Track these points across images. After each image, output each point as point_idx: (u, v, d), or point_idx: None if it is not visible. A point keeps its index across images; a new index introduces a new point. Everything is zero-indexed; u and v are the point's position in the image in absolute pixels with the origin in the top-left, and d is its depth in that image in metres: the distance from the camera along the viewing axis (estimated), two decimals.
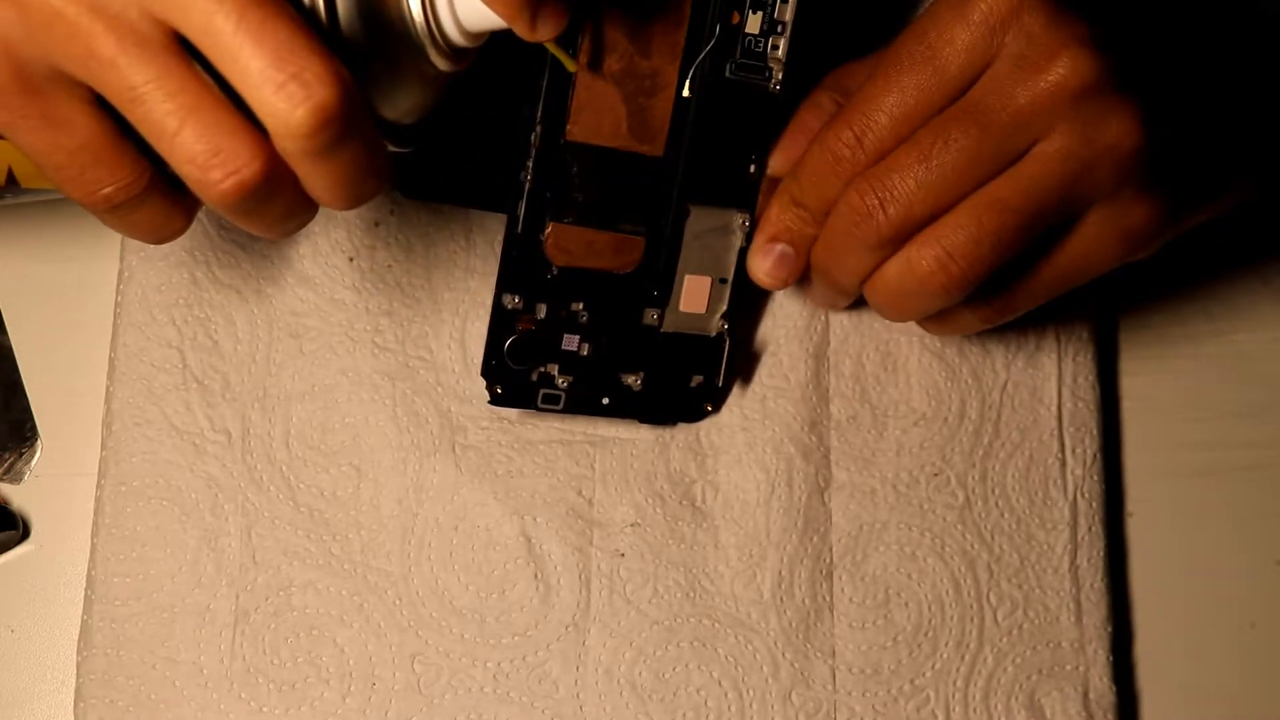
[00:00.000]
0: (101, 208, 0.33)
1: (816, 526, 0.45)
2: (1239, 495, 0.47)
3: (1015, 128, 0.37)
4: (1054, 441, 0.46)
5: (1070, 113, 0.36)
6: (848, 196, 0.38)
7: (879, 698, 0.44)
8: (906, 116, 0.38)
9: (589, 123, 0.40)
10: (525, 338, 0.42)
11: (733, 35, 0.40)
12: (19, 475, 0.46)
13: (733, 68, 0.41)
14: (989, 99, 0.37)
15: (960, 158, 0.37)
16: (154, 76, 0.30)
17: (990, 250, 0.37)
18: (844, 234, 0.39)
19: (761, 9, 0.40)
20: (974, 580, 0.45)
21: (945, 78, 0.37)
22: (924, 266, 0.38)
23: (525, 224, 0.41)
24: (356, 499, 0.44)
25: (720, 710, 0.43)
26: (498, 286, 0.42)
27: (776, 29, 0.40)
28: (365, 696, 0.43)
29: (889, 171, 0.38)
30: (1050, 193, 0.37)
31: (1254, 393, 0.48)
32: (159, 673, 0.43)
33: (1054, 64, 0.36)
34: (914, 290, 0.39)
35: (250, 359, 0.45)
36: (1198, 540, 0.47)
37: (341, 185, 0.32)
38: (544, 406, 0.44)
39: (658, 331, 0.43)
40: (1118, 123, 0.36)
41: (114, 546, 0.44)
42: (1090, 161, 0.37)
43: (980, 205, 0.37)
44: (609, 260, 0.42)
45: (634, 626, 0.44)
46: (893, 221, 0.38)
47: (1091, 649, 0.44)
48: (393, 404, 0.45)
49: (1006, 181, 0.37)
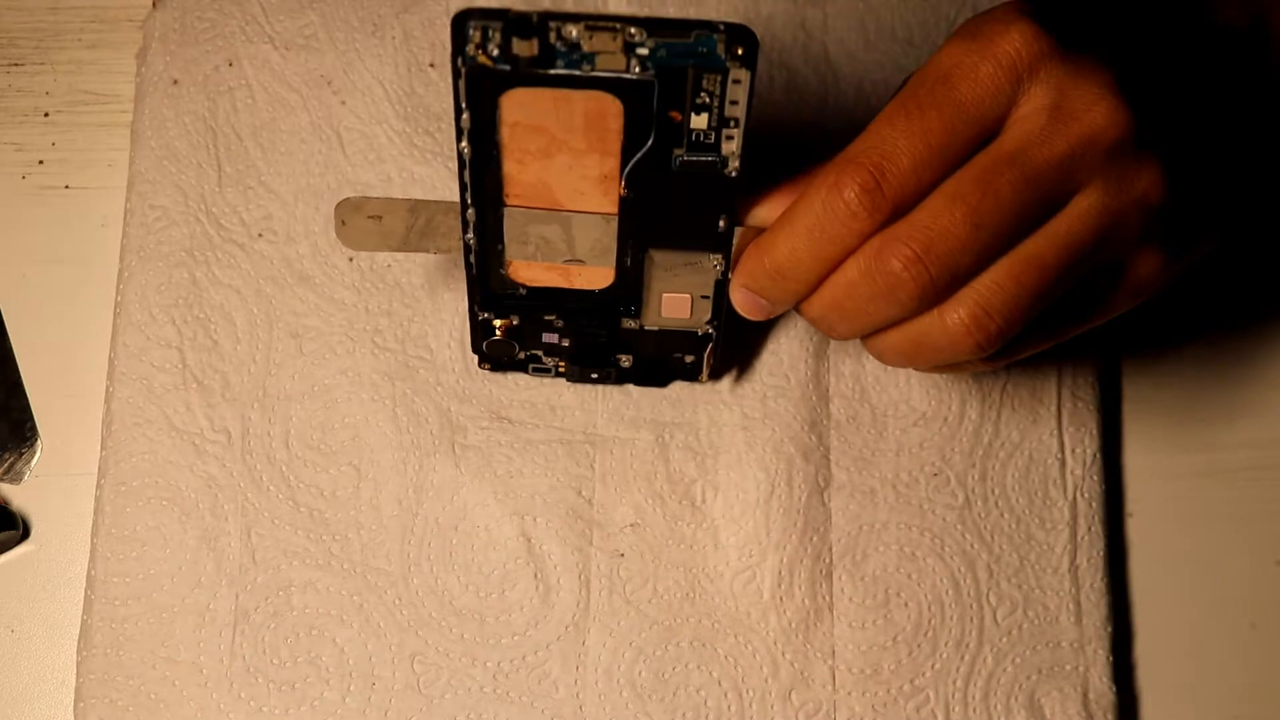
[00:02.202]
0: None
1: (816, 526, 0.45)
2: (1239, 495, 0.47)
3: (1059, 181, 0.35)
4: (1054, 441, 0.46)
5: (1105, 165, 0.35)
6: (880, 256, 0.35)
7: (878, 697, 0.44)
8: (930, 161, 0.35)
9: (526, 195, 0.37)
10: (505, 336, 0.43)
11: (676, 131, 0.35)
12: (19, 475, 0.46)
13: (679, 162, 0.36)
14: (1031, 151, 0.35)
15: (1009, 215, 0.35)
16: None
17: (1028, 309, 0.36)
18: (869, 295, 0.36)
19: (706, 110, 0.35)
20: (974, 580, 0.45)
21: (969, 121, 0.35)
22: (958, 325, 0.36)
23: (479, 269, 0.40)
24: (356, 499, 0.44)
25: (720, 710, 0.43)
26: (469, 299, 0.41)
27: (728, 123, 0.35)
28: (365, 696, 0.43)
29: (929, 228, 0.35)
30: (1087, 248, 0.36)
31: (1254, 393, 0.48)
32: (159, 672, 0.43)
33: (1091, 115, 0.35)
34: (941, 346, 0.37)
35: (250, 359, 0.45)
36: (1198, 540, 0.47)
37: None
38: (536, 371, 0.45)
39: (640, 330, 0.43)
40: (1147, 175, 0.36)
41: (114, 546, 0.44)
42: (1121, 215, 0.36)
43: (1019, 264, 0.36)
44: (578, 284, 0.41)
45: (634, 626, 0.44)
46: (937, 284, 0.35)
47: (1091, 649, 0.44)
48: (393, 404, 0.45)
49: (1045, 238, 0.36)
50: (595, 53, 0.33)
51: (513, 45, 0.33)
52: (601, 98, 0.34)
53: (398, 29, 0.49)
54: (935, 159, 0.35)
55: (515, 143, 0.36)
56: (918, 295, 0.35)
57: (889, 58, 0.49)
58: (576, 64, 0.33)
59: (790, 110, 0.48)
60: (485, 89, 0.34)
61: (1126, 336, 0.48)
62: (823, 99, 0.49)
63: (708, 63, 0.33)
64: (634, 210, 0.38)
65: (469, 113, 0.35)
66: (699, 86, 0.34)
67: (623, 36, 0.33)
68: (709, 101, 0.34)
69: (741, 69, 0.34)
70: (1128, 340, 0.48)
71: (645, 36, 0.33)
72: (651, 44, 0.33)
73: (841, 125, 0.48)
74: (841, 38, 0.49)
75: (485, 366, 0.45)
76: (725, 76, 0.34)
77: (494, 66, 0.33)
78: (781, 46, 0.49)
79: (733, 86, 0.34)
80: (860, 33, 0.49)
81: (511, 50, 0.33)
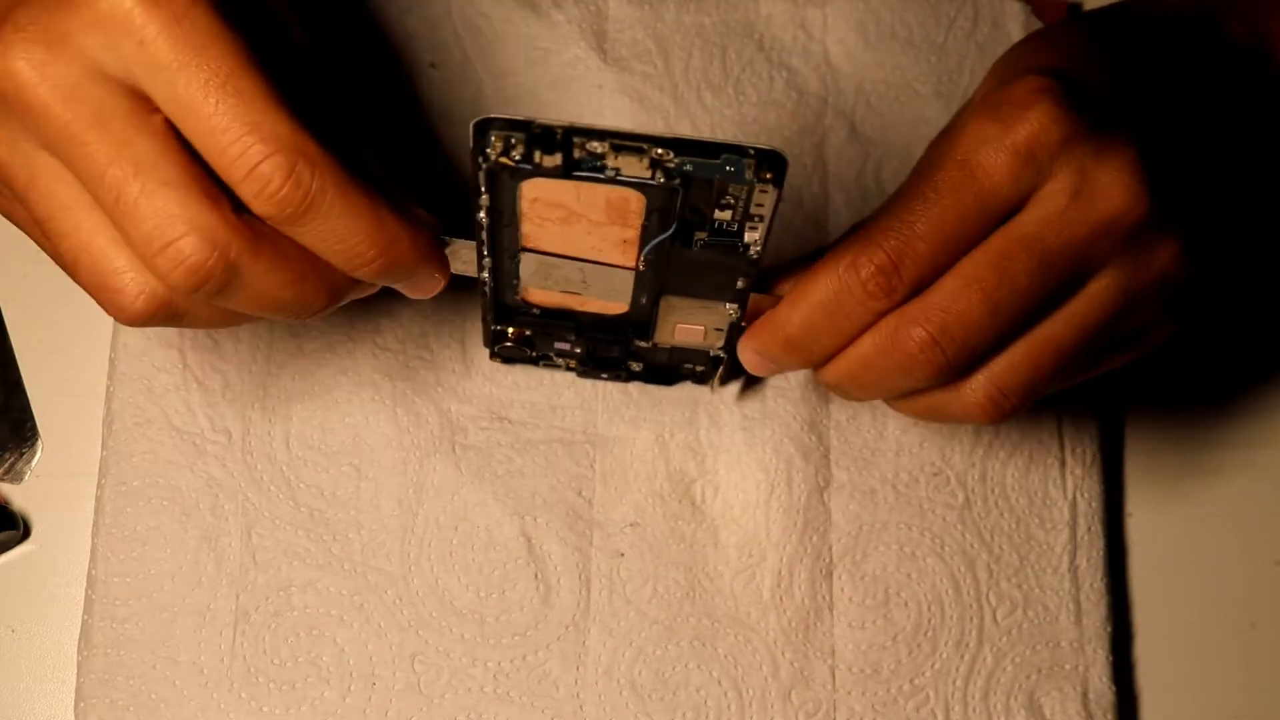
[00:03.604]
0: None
1: (816, 526, 0.45)
2: (1239, 495, 0.47)
3: (1076, 264, 0.35)
4: (1054, 441, 0.46)
5: (1124, 247, 0.35)
6: (896, 335, 0.36)
7: (878, 697, 0.44)
8: (946, 245, 0.35)
9: (544, 239, 0.37)
10: (516, 343, 0.43)
11: (700, 216, 0.35)
12: (19, 475, 0.46)
13: (699, 245, 0.35)
14: (1050, 235, 0.35)
15: (1024, 299, 0.35)
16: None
17: (1043, 387, 0.37)
18: (885, 370, 0.36)
19: (731, 209, 0.34)
20: (973, 580, 0.45)
21: (988, 205, 0.35)
22: (974, 404, 0.37)
23: (493, 296, 0.40)
24: (356, 499, 0.44)
25: (720, 710, 0.43)
26: (483, 311, 0.41)
27: (752, 219, 0.34)
28: (365, 696, 0.43)
29: (946, 310, 0.35)
30: (1104, 329, 0.36)
31: (1254, 393, 0.48)
32: (159, 672, 0.43)
33: (1111, 199, 0.35)
34: (955, 415, 0.37)
35: (250, 359, 0.45)
36: (1198, 540, 0.47)
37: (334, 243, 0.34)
38: (547, 366, 0.45)
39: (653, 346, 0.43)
40: (1165, 253, 0.36)
41: (114, 546, 0.44)
42: (1139, 295, 0.36)
43: (1036, 347, 0.36)
44: (591, 309, 0.40)
45: (634, 626, 0.44)
46: (953, 366, 0.35)
47: (1091, 649, 0.44)
48: (393, 404, 0.45)
49: (1063, 320, 0.36)
50: (619, 167, 0.32)
51: (535, 156, 0.32)
52: (624, 190, 0.33)
53: (398, 30, 0.49)
54: (952, 244, 0.35)
55: (535, 213, 0.35)
56: (934, 375, 0.36)
57: (889, 58, 0.49)
58: (600, 170, 0.32)
59: (790, 110, 0.48)
60: (505, 181, 0.34)
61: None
62: (823, 99, 0.49)
63: (735, 179, 0.33)
64: (651, 271, 0.37)
65: (487, 195, 0.34)
66: (725, 191, 0.33)
67: (649, 157, 0.32)
68: (734, 204, 0.34)
69: (769, 187, 0.33)
70: None
71: (673, 157, 0.32)
72: (678, 161, 0.32)
73: (842, 125, 0.48)
74: (841, 38, 0.49)
75: (497, 360, 0.45)
76: (751, 189, 0.33)
77: (516, 166, 0.32)
78: (781, 46, 0.49)
79: (759, 195, 0.33)
80: (860, 33, 0.49)
81: (534, 159, 0.32)
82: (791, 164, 0.48)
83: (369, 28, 0.49)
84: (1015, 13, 0.49)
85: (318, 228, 0.33)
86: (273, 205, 0.32)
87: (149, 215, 0.32)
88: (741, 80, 0.48)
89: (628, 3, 0.49)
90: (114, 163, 0.32)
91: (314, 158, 0.32)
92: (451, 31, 0.49)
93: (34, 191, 0.34)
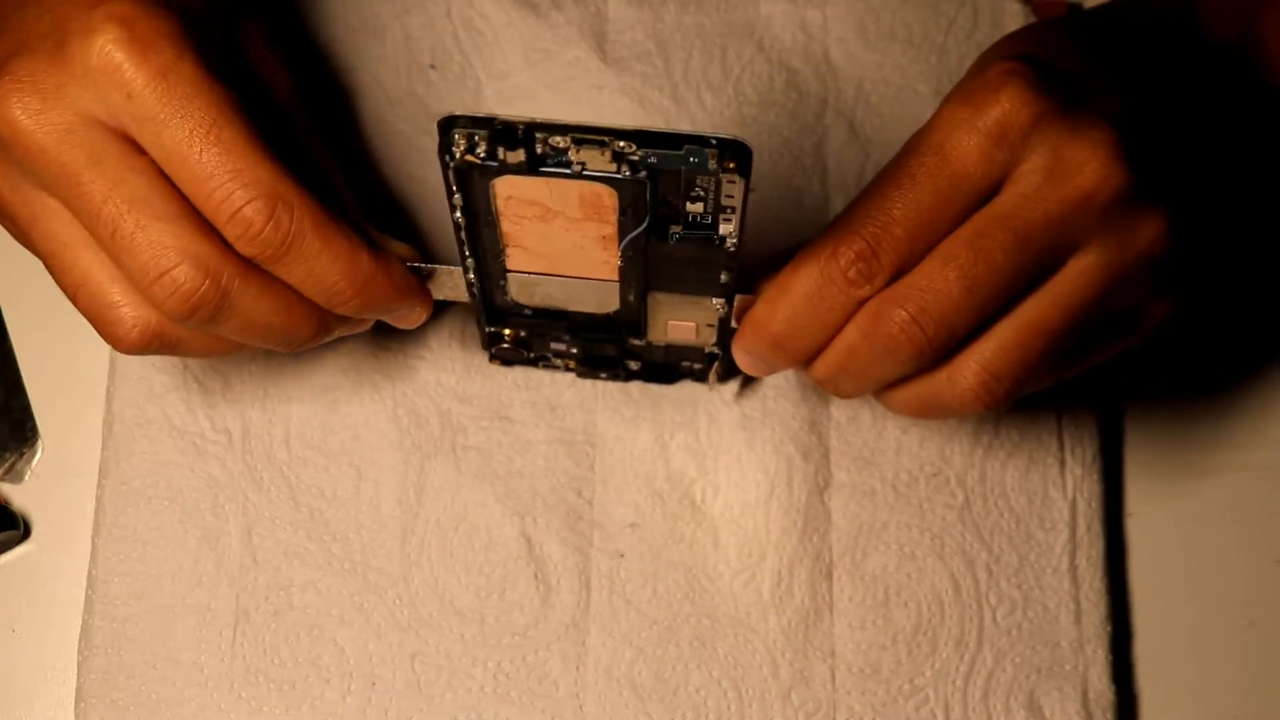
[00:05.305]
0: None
1: (816, 526, 0.45)
2: (1239, 495, 0.47)
3: (1054, 240, 0.35)
4: (1053, 441, 0.46)
5: (1103, 223, 0.35)
6: (877, 318, 0.36)
7: (878, 697, 0.44)
8: (923, 229, 0.35)
9: (526, 258, 0.37)
10: (513, 345, 0.43)
11: (673, 211, 0.35)
12: (19, 475, 0.46)
13: (675, 239, 0.36)
14: (1025, 213, 0.35)
15: (1002, 276, 0.35)
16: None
17: (1034, 371, 0.36)
18: (870, 357, 0.37)
19: (702, 201, 0.34)
20: (973, 580, 0.45)
21: (962, 187, 0.35)
22: (967, 390, 0.37)
23: (483, 299, 0.40)
24: (356, 499, 0.44)
25: (720, 710, 0.43)
26: (476, 315, 0.41)
27: (725, 210, 0.34)
28: (365, 696, 0.43)
29: (924, 290, 0.35)
30: (1091, 306, 0.36)
31: (1254, 392, 0.48)
32: (159, 672, 0.43)
33: (1085, 174, 0.35)
34: (952, 407, 0.37)
35: (250, 359, 0.45)
36: (1198, 540, 0.47)
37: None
38: (546, 367, 0.45)
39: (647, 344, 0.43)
40: (1150, 229, 0.36)
41: (114, 546, 0.44)
42: (1125, 271, 0.36)
43: (1024, 329, 0.36)
44: (583, 306, 0.40)
45: (634, 626, 0.44)
46: (934, 345, 0.36)
47: (1090, 649, 0.44)
48: (393, 404, 0.45)
49: (1048, 300, 0.36)
50: (584, 161, 0.33)
51: (499, 152, 0.32)
52: (595, 185, 0.34)
53: (398, 30, 0.49)
54: (929, 228, 0.35)
55: (511, 210, 0.35)
56: (916, 355, 0.36)
57: (889, 58, 0.49)
58: (566, 165, 0.33)
59: (790, 110, 0.48)
60: (475, 179, 0.34)
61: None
62: (823, 99, 0.49)
63: (700, 169, 0.33)
64: (633, 268, 0.37)
65: (460, 194, 0.34)
66: (693, 184, 0.33)
67: (611, 149, 0.32)
68: (704, 195, 0.34)
69: (735, 177, 0.33)
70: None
71: (635, 149, 0.32)
72: (641, 154, 0.32)
73: (842, 125, 0.48)
74: (841, 38, 0.49)
75: (496, 362, 0.45)
76: (719, 180, 0.33)
77: (481, 163, 0.33)
78: (781, 46, 0.49)
79: (727, 186, 0.33)
80: (860, 33, 0.49)
81: (498, 156, 0.33)
82: (791, 164, 0.48)
83: (369, 28, 0.49)
84: (1015, 13, 0.49)
85: (298, 267, 0.35)
86: (255, 246, 0.35)
87: (144, 247, 0.34)
88: (741, 80, 0.49)
89: (628, 3, 0.49)
90: (109, 200, 0.34)
91: (293, 201, 0.35)
92: (451, 33, 0.49)
93: (36, 230, 0.36)
